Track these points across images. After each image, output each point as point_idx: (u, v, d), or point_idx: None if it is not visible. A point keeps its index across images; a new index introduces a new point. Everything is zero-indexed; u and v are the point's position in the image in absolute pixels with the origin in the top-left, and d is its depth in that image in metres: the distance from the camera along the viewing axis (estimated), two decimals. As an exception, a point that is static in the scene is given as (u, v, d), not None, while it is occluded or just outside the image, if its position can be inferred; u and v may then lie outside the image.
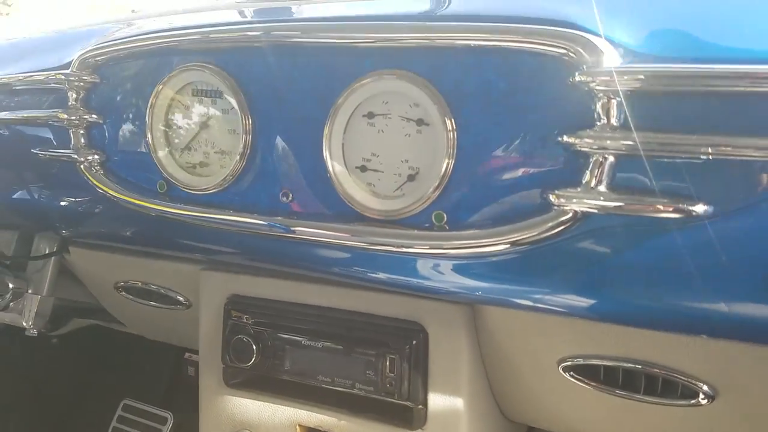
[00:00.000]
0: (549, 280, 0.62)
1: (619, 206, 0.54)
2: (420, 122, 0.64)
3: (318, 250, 0.72)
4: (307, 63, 0.69)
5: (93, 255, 1.01)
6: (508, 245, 0.60)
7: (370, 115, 0.67)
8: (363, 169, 0.68)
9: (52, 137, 0.87)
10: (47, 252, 1.03)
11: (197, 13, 0.84)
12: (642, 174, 0.54)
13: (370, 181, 0.68)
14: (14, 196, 0.98)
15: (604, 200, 0.55)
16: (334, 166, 0.69)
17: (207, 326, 0.89)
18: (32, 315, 1.04)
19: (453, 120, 0.62)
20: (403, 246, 0.65)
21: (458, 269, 0.65)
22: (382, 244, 0.66)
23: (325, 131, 0.68)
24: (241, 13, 0.80)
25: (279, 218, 0.72)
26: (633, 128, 0.53)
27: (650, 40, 0.54)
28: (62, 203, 0.93)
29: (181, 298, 0.98)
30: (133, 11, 1.25)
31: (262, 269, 0.83)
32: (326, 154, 0.68)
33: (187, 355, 1.37)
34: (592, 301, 0.61)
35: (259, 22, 0.72)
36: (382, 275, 0.70)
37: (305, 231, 0.70)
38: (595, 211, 0.56)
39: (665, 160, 0.53)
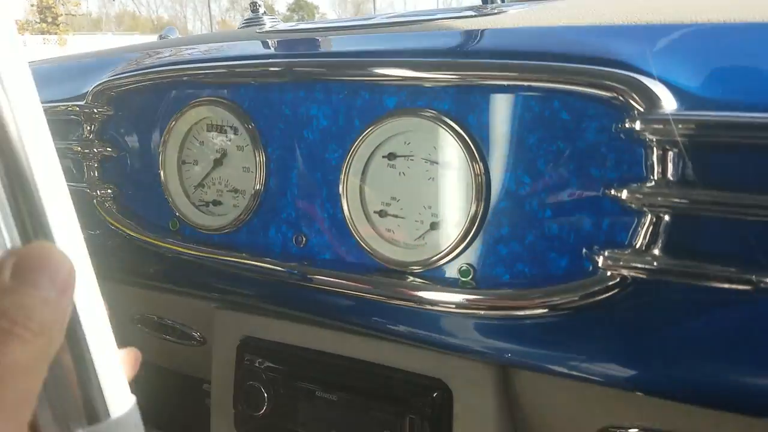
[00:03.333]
0: (588, 348, 0.55)
1: (677, 273, 0.47)
2: (444, 165, 0.58)
3: (333, 298, 0.66)
4: (325, 100, 0.64)
5: (110, 287, 0.98)
6: (546, 309, 0.53)
7: (391, 157, 0.61)
8: (382, 214, 0.63)
9: (68, 168, 0.85)
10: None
11: (215, 44, 0.80)
12: (704, 236, 0.47)
13: (389, 227, 0.63)
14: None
15: (658, 265, 0.48)
16: (351, 209, 0.63)
17: (219, 368, 0.84)
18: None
19: (480, 164, 0.56)
20: (424, 303, 0.59)
21: (485, 329, 0.59)
22: (402, 299, 0.60)
23: (342, 172, 0.63)
24: (258, 45, 0.76)
25: (292, 264, 0.67)
26: (693, 184, 0.46)
27: (712, 83, 0.47)
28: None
29: (195, 335, 0.94)
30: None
31: (277, 311, 0.78)
32: (342, 196, 0.63)
33: (205, 386, 1.33)
34: (637, 373, 0.54)
35: (275, 56, 0.68)
36: (401, 328, 0.64)
37: (319, 279, 0.65)
38: (648, 277, 0.48)
39: (731, 221, 0.46)
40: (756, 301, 0.45)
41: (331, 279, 0.64)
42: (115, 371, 0.26)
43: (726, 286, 0.46)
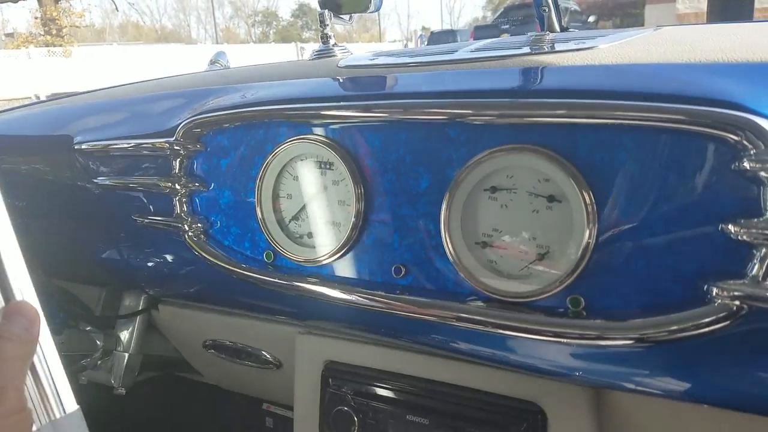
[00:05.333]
0: (692, 372, 0.57)
1: None
2: (551, 198, 0.61)
3: (433, 327, 0.69)
4: (423, 137, 0.66)
5: (182, 313, 1.00)
6: (659, 339, 0.55)
7: (493, 190, 0.64)
8: (484, 245, 0.65)
9: (152, 203, 0.87)
10: (136, 309, 1.03)
11: (299, 81, 0.82)
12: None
13: (491, 258, 0.65)
14: (103, 255, 0.99)
15: (776, 295, 0.50)
16: (453, 241, 0.66)
17: (303, 393, 0.86)
18: (121, 374, 1.03)
19: (591, 194, 0.58)
20: (537, 333, 0.61)
21: (592, 356, 0.61)
22: (511, 329, 0.62)
23: (443, 205, 0.65)
24: (345, 82, 0.78)
25: (392, 294, 0.69)
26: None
27: None
28: (155, 265, 0.92)
29: (271, 358, 0.96)
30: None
31: (362, 336, 0.80)
32: (443, 228, 0.66)
33: (265, 405, 1.35)
34: (741, 394, 0.56)
35: (369, 97, 0.70)
36: (498, 354, 0.66)
37: (423, 311, 0.67)
38: (763, 306, 0.51)
39: None
40: None
41: (433, 309, 0.66)
42: (64, 382, 0.44)
43: None
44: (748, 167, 0.50)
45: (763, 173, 0.49)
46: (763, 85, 0.53)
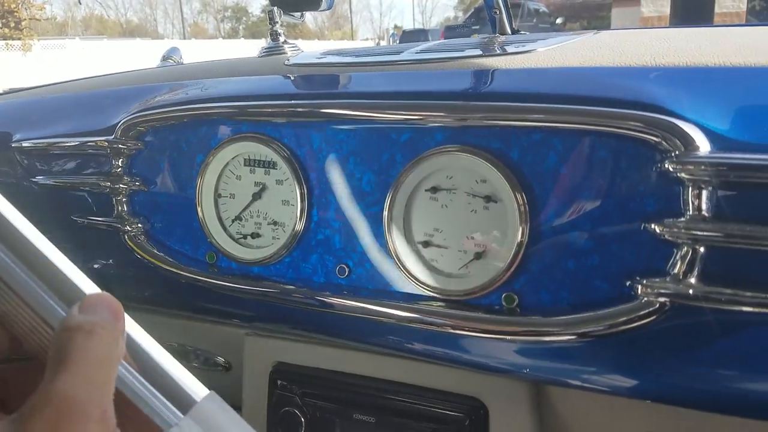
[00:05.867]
0: (622, 366, 0.59)
1: (712, 299, 0.51)
2: (488, 199, 0.62)
3: (376, 326, 0.69)
4: (366, 137, 0.67)
5: (128, 315, 0.98)
6: (590, 335, 0.57)
7: (434, 190, 0.64)
8: (425, 244, 0.66)
9: (92, 203, 0.85)
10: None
11: (245, 78, 0.81)
12: (736, 265, 0.51)
13: (432, 257, 0.66)
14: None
15: (695, 292, 0.52)
16: (395, 241, 0.66)
17: (251, 395, 0.86)
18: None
19: (524, 196, 0.59)
20: (472, 330, 0.62)
21: (527, 351, 0.62)
22: (450, 327, 0.63)
23: (386, 205, 0.66)
24: (291, 81, 0.78)
25: (336, 294, 0.69)
26: (726, 218, 0.50)
27: (745, 126, 0.51)
28: (100, 267, 0.90)
29: (220, 360, 0.95)
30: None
31: (309, 336, 0.80)
32: (386, 228, 0.66)
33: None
34: (671, 388, 0.58)
35: (312, 96, 0.70)
36: (440, 351, 0.67)
37: (365, 309, 0.67)
38: (687, 302, 0.53)
39: (761, 252, 0.50)
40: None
41: (376, 308, 0.67)
42: (181, 371, 0.32)
43: (757, 309, 0.50)
44: (670, 169, 0.52)
45: (684, 174, 0.51)
46: (685, 88, 0.55)
